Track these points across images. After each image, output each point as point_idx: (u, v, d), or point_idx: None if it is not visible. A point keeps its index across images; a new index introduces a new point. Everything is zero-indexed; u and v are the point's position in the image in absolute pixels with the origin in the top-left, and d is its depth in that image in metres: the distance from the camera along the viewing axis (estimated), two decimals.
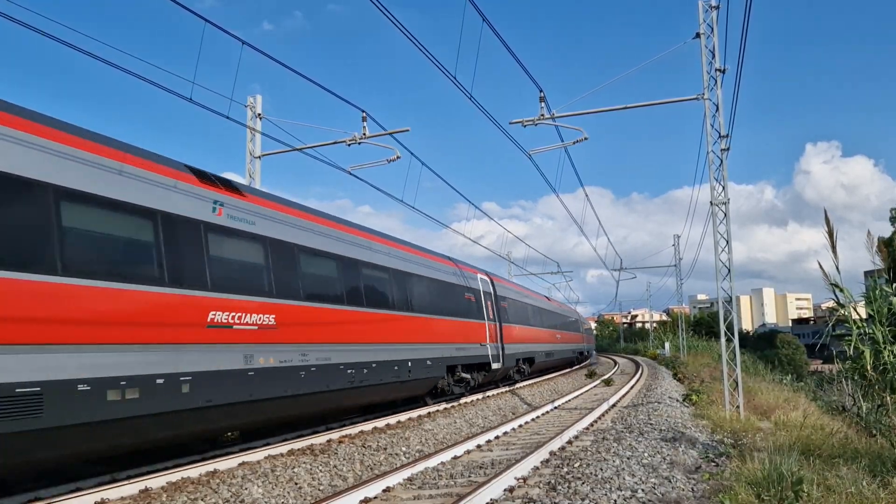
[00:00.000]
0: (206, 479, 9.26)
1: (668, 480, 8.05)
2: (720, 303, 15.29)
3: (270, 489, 9.20)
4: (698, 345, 56.98)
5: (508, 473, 8.64)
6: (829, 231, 9.72)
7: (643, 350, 65.83)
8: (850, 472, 6.89)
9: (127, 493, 8.54)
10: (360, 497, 8.13)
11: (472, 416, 17.50)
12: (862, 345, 9.44)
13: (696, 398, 17.17)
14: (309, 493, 9.31)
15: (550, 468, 9.41)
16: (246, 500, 8.66)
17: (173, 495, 8.49)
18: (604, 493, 7.39)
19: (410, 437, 13.64)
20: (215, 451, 11.79)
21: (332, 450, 11.63)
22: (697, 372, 30.00)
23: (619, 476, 8.26)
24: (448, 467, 10.20)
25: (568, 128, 16.58)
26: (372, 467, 11.07)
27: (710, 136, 15.07)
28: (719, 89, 15.02)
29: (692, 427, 12.73)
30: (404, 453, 12.44)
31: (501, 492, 8.06)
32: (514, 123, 16.31)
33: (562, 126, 16.49)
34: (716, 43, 15.00)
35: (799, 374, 42.98)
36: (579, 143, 16.71)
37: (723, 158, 15.08)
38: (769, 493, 6.34)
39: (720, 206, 15.08)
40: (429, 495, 8.43)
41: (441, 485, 9.02)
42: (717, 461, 9.25)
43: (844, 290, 9.92)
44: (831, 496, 6.19)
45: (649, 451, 10.02)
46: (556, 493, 7.60)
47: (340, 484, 9.98)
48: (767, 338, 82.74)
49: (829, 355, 18.32)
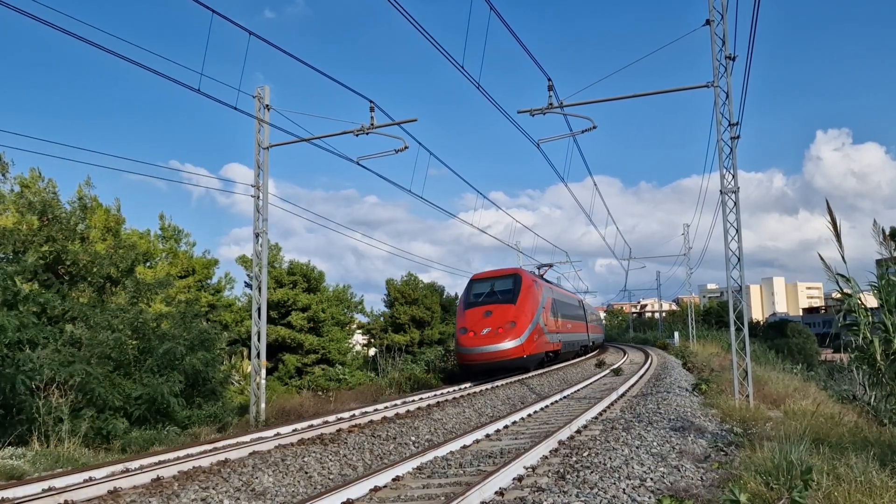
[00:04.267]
0: (218, 469, 9.34)
1: (678, 469, 8.05)
2: (730, 292, 15.23)
3: (281, 478, 9.28)
4: (708, 334, 56.88)
5: (517, 462, 8.67)
6: (833, 221, 9.62)
7: (652, 340, 65.72)
8: (859, 461, 6.86)
9: (139, 483, 8.63)
10: (370, 486, 8.18)
11: (480, 405, 17.56)
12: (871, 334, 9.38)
13: (705, 387, 17.14)
14: (319, 482, 9.38)
15: (559, 457, 9.43)
16: (257, 489, 8.74)
17: (185, 484, 8.57)
18: (612, 482, 7.40)
19: (420, 426, 13.70)
20: (227, 441, 11.89)
21: (341, 439, 11.69)
22: (707, 361, 29.94)
23: (628, 465, 8.27)
24: (457, 456, 10.25)
25: (576, 116, 16.49)
26: (381, 456, 11.14)
27: (719, 124, 14.96)
28: (729, 77, 14.88)
29: (701, 416, 12.71)
30: (414, 443, 12.51)
31: (510, 481, 8.09)
32: (523, 112, 16.21)
33: (570, 115, 16.41)
34: (726, 30, 14.86)
35: (809, 364, 42.83)
36: (588, 132, 16.64)
37: (733, 147, 14.97)
38: (778, 481, 6.33)
39: (730, 194, 14.99)
40: (438, 484, 8.48)
41: (450, 474, 9.06)
42: (726, 450, 9.24)
43: (851, 279, 9.84)
44: (841, 485, 6.17)
45: (658, 440, 10.02)
46: (565, 482, 7.61)
47: (350, 473, 10.05)
48: (778, 327, 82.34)
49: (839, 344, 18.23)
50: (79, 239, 19.17)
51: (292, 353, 34.40)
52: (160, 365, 15.79)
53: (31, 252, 16.89)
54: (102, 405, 13.90)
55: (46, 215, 17.99)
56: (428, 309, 45.58)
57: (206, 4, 11.06)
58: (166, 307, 21.79)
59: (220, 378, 18.61)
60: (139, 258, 25.08)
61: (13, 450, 11.41)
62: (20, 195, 20.10)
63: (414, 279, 47.41)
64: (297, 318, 34.82)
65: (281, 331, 33.83)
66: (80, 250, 18.12)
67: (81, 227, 20.29)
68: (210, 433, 14.71)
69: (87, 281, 18.23)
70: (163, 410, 14.93)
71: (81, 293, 17.88)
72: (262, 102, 17.81)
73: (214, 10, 11.50)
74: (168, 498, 8.06)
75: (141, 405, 14.59)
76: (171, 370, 15.62)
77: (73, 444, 12.28)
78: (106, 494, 8.11)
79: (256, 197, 17.64)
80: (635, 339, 77.11)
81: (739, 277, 15.05)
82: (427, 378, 25.98)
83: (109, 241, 21.95)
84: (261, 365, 17.03)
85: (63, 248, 17.60)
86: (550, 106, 15.89)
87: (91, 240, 20.70)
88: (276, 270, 35.56)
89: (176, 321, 17.75)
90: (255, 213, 17.68)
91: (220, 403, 17.44)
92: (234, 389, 22.88)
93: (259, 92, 17.92)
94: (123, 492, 8.21)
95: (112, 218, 24.72)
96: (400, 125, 16.97)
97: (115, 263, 18.84)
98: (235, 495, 8.46)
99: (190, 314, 18.83)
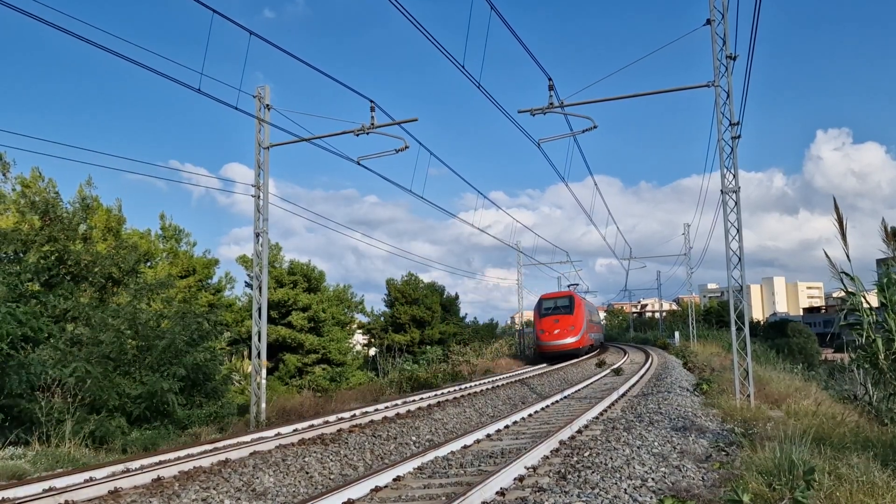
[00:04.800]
0: (218, 469, 9.34)
1: (679, 469, 8.04)
2: (730, 292, 15.22)
3: (282, 478, 9.27)
4: (708, 334, 56.88)
5: (518, 462, 8.66)
6: (839, 219, 9.61)
7: (653, 339, 65.74)
8: (861, 460, 6.85)
9: (140, 483, 8.63)
10: (370, 486, 8.17)
11: (481, 405, 17.55)
12: (873, 333, 9.36)
13: (706, 387, 17.14)
14: (320, 482, 9.37)
15: (560, 457, 9.42)
16: (257, 489, 8.74)
17: (186, 484, 8.56)
18: (614, 482, 7.39)
19: (420, 426, 13.69)
20: (227, 441, 11.89)
21: (342, 439, 11.69)
22: (708, 361, 29.93)
23: (629, 465, 8.26)
24: (458, 456, 10.24)
25: (577, 116, 16.47)
26: (382, 456, 11.13)
27: (720, 123, 14.95)
28: (730, 76, 14.87)
29: (702, 416, 12.70)
30: (414, 443, 12.50)
31: (511, 481, 8.08)
32: (523, 112, 16.20)
33: (571, 115, 16.39)
34: (726, 29, 14.85)
35: (810, 364, 42.78)
36: (588, 131, 16.62)
37: (733, 146, 14.96)
38: (780, 481, 6.32)
39: (730, 194, 14.98)
40: (439, 484, 8.47)
41: (451, 474, 9.05)
42: (727, 450, 9.23)
43: (855, 278, 9.83)
44: (843, 485, 6.16)
45: (659, 440, 10.02)
46: (566, 482, 7.60)
47: (351, 473, 10.05)
48: (778, 327, 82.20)
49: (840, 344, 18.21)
50: (81, 239, 19.18)
51: (293, 353, 34.41)
52: (160, 362, 15.80)
53: (32, 252, 16.89)
54: (102, 405, 13.91)
55: (48, 215, 17.99)
56: (428, 309, 45.59)
57: (206, 4, 11.06)
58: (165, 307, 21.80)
59: (220, 378, 18.61)
60: (141, 258, 25.09)
61: (14, 450, 11.42)
62: (21, 195, 20.10)
63: (414, 279, 47.42)
64: (297, 317, 34.83)
65: (281, 331, 33.84)
66: (82, 250, 18.13)
67: (83, 227, 20.30)
68: (211, 433, 14.70)
69: (88, 281, 18.24)
70: (162, 409, 14.93)
71: (83, 293, 17.89)
72: (262, 102, 17.80)
73: (215, 10, 11.50)
74: (169, 498, 8.05)
75: (140, 404, 14.59)
76: (171, 366, 15.62)
77: (74, 445, 12.27)
78: (107, 494, 8.10)
79: (257, 197, 17.63)
80: (636, 338, 77.10)
81: (740, 277, 15.04)
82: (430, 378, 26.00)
83: (110, 241, 21.96)
84: (261, 365, 17.03)
85: (65, 247, 17.60)
86: (551, 105, 15.88)
87: (93, 240, 20.70)
88: (277, 270, 35.57)
89: (175, 320, 17.75)
90: (256, 213, 17.67)
91: (220, 403, 17.44)
92: (235, 389, 22.89)
93: (259, 92, 17.92)
94: (124, 492, 8.21)
95: (113, 218, 24.74)
96: (400, 125, 16.96)
97: (116, 264, 18.84)
98: (236, 495, 8.45)
99: (191, 313, 18.84)
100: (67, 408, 12.89)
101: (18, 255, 16.69)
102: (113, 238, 23.10)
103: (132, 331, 16.11)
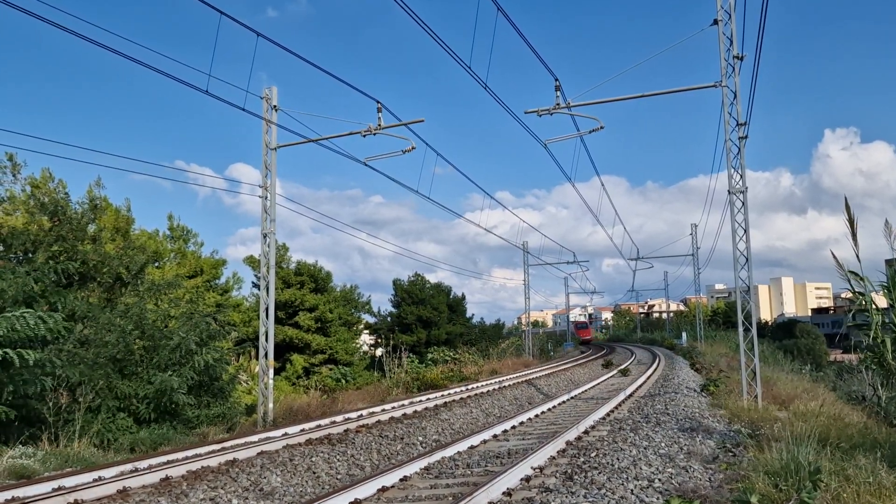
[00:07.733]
0: (226, 469, 9.38)
1: (686, 470, 8.03)
2: (738, 292, 15.18)
3: (289, 478, 9.30)
4: (715, 335, 56.68)
5: (524, 463, 8.67)
6: (850, 219, 9.57)
7: (660, 340, 65.57)
8: (868, 462, 6.83)
9: (148, 482, 8.67)
10: (377, 486, 8.20)
11: (488, 405, 17.56)
12: (882, 333, 9.32)
13: (713, 388, 17.10)
14: (327, 482, 9.40)
15: (567, 458, 9.42)
16: (265, 489, 8.77)
17: (193, 484, 8.60)
18: (620, 483, 7.40)
19: (427, 426, 13.71)
20: (235, 441, 11.93)
21: (349, 439, 11.72)
22: (715, 362, 29.84)
23: (636, 466, 8.26)
24: (465, 457, 10.25)
25: (584, 116, 16.46)
26: (389, 457, 11.16)
27: (727, 124, 14.92)
28: (737, 76, 14.85)
29: (709, 417, 12.68)
30: (421, 443, 12.53)
31: (518, 481, 8.09)
32: (530, 113, 16.19)
33: (577, 115, 16.37)
34: (733, 29, 14.83)
35: (818, 364, 42.57)
36: (595, 132, 16.61)
37: (741, 146, 14.93)
38: (787, 482, 6.31)
39: (738, 194, 14.95)
40: (445, 484, 8.49)
41: (458, 474, 9.07)
42: (734, 451, 9.22)
43: (865, 278, 9.79)
44: (849, 486, 6.15)
45: (666, 440, 10.01)
46: (573, 483, 7.61)
47: (358, 473, 10.07)
48: (786, 327, 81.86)
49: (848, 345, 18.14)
50: (90, 239, 19.25)
51: (300, 354, 34.47)
52: (169, 362, 15.84)
53: (41, 252, 16.98)
54: (109, 405, 13.97)
55: (58, 215, 18.08)
56: (435, 309, 45.62)
57: (213, 6, 11.11)
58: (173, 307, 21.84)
59: (228, 378, 18.65)
60: (149, 258, 25.18)
61: (23, 449, 11.48)
62: (31, 196, 20.21)
63: (421, 279, 47.45)
64: (304, 318, 34.89)
65: (288, 331, 33.91)
66: (91, 250, 18.20)
67: (92, 227, 20.38)
68: (218, 433, 14.75)
69: (96, 281, 18.32)
70: (171, 409, 14.98)
71: (91, 293, 17.96)
72: (269, 103, 17.85)
73: (222, 12, 11.56)
74: (177, 497, 8.10)
75: (149, 404, 14.64)
76: (180, 366, 15.66)
77: (83, 444, 12.34)
78: (115, 494, 8.15)
79: (264, 198, 17.69)
80: (643, 339, 76.99)
81: (748, 278, 15.00)
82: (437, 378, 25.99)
83: (119, 242, 22.04)
84: (268, 365, 17.08)
85: (73, 247, 17.68)
86: (558, 106, 15.87)
87: (101, 240, 20.79)
88: (284, 271, 35.65)
89: (182, 320, 17.79)
90: (263, 214, 17.72)
91: (228, 403, 17.48)
92: (242, 389, 22.95)
93: (267, 93, 17.97)
94: (133, 491, 8.25)
95: (122, 218, 24.83)
96: (407, 126, 16.98)
97: (124, 264, 18.91)
98: (244, 495, 8.49)
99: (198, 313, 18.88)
100: (78, 407, 12.95)
101: (28, 255, 16.78)
102: (122, 239, 23.19)
103: (139, 331, 16.15)
